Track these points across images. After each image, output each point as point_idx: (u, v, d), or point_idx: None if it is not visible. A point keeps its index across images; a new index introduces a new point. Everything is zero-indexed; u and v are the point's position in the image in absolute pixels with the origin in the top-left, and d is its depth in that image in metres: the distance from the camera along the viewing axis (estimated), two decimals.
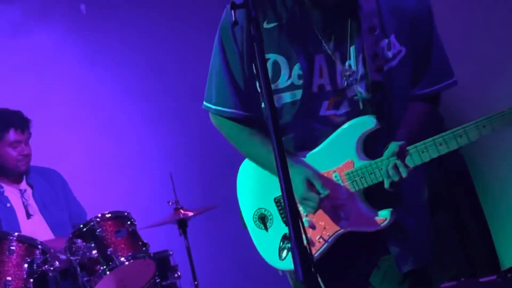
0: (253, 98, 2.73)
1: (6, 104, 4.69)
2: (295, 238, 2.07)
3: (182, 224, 4.65)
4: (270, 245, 2.88)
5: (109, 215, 4.18)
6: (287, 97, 2.69)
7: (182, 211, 4.62)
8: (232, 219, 4.50)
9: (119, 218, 4.20)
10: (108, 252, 4.06)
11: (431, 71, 2.77)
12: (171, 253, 4.55)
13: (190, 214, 4.62)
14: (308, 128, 2.70)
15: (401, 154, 2.56)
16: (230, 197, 3.83)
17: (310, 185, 2.66)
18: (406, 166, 2.56)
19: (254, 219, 2.93)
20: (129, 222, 4.20)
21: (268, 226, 2.91)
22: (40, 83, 5.26)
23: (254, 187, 2.95)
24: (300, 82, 2.60)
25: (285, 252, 2.87)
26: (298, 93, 2.67)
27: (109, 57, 5.62)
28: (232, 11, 2.35)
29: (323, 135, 2.65)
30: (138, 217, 4.33)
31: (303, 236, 2.08)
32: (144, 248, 4.19)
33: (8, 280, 3.91)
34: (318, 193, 2.65)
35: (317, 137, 2.66)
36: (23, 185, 4.66)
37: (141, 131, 5.72)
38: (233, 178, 3.64)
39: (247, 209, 2.96)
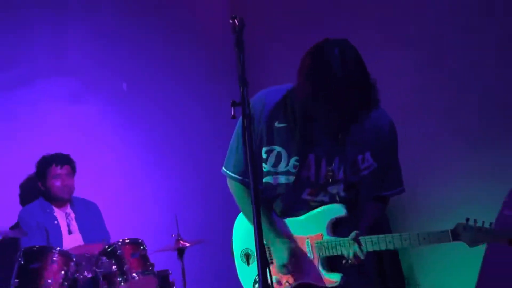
0: (260, 172, 3.02)
1: (61, 151, 5.20)
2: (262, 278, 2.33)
3: (181, 251, 4.98)
4: (248, 277, 3.22)
5: (128, 240, 4.60)
6: (282, 179, 2.96)
7: (181, 242, 4.95)
8: (219, 250, 4.64)
9: (135, 243, 4.61)
10: (124, 268, 4.49)
11: (387, 181, 3.05)
12: (170, 272, 4.88)
13: (187, 244, 4.94)
14: (292, 203, 2.96)
15: (357, 241, 2.83)
16: (221, 233, 4.04)
17: (293, 252, 2.95)
18: (362, 252, 2.84)
19: (241, 255, 3.25)
20: (141, 247, 4.61)
21: (250, 262, 3.24)
22: (86, 139, 5.64)
23: (244, 232, 3.22)
24: (294, 171, 2.84)
25: (257, 285, 3.19)
26: (291, 178, 2.92)
27: (138, 123, 5.97)
28: (232, 108, 2.51)
29: (300, 211, 2.92)
30: (148, 243, 4.71)
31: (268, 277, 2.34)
32: (150, 268, 4.59)
33: (49, 283, 4.32)
34: (292, 265, 2.94)
35: (297, 210, 2.93)
36: (68, 209, 5.12)
37: (156, 177, 6.02)
38: (225, 219, 3.73)
39: (237, 247, 3.26)
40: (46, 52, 5.60)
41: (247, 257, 3.27)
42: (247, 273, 3.22)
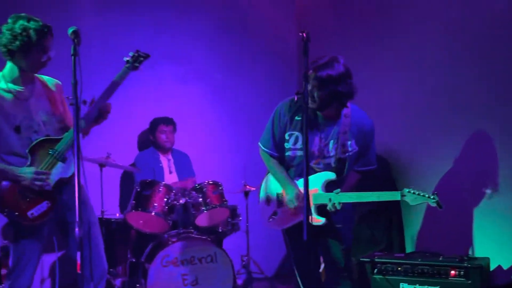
0: (282, 149, 3.74)
1: (167, 115, 6.14)
2: (305, 218, 2.89)
3: (246, 193, 5.90)
4: (266, 213, 3.88)
5: (211, 182, 5.42)
6: (298, 153, 3.71)
7: (247, 186, 5.83)
8: None
9: (215, 184, 5.43)
10: (207, 201, 5.30)
11: (363, 160, 3.76)
12: (238, 207, 5.70)
13: (252, 189, 5.78)
14: (302, 169, 3.47)
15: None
16: None
17: (297, 197, 3.63)
18: (339, 203, 3.47)
19: (263, 198, 3.96)
20: (220, 187, 5.43)
21: (269, 204, 3.90)
22: (185, 109, 6.47)
23: (268, 184, 3.94)
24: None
25: (271, 218, 3.84)
26: (300, 152, 3.68)
27: (226, 99, 6.71)
28: (295, 96, 3.23)
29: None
30: (224, 184, 5.49)
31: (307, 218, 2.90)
32: (225, 202, 5.39)
33: (155, 205, 5.15)
34: (298, 201, 3.61)
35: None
36: (169, 156, 6.10)
37: (232, 135, 6.75)
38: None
39: (263, 192, 3.97)
40: (168, 43, 6.37)
41: (267, 199, 3.96)
42: (265, 211, 3.92)
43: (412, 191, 3.40)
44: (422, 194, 3.41)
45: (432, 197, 3.39)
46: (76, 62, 3.01)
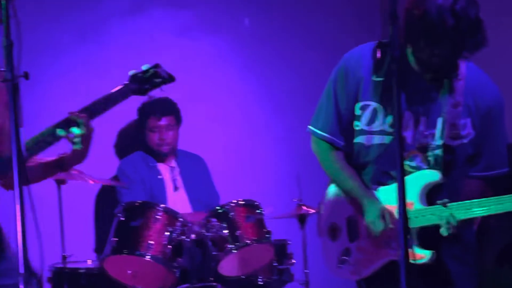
0: (349, 133, 3.17)
1: (168, 94, 5.01)
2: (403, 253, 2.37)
3: (302, 219, 4.95)
4: (332, 254, 3.34)
5: (243, 202, 4.61)
6: (376, 139, 3.09)
7: (304, 207, 4.92)
8: None
9: (250, 206, 4.62)
10: (237, 234, 4.50)
11: (488, 159, 3.15)
12: (289, 242, 4.89)
13: (311, 211, 4.88)
14: (384, 169, 3.09)
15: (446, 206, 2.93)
16: None
17: (382, 215, 3.07)
18: (454, 218, 2.93)
19: (328, 229, 3.38)
20: (258, 211, 4.61)
21: (336, 238, 3.35)
22: (197, 82, 5.67)
23: (334, 204, 3.37)
24: (390, 130, 2.97)
25: (343, 265, 3.33)
26: (387, 138, 3.05)
27: (259, 65, 6.02)
28: (378, 49, 2.82)
29: (392, 179, 3.01)
30: (264, 206, 4.70)
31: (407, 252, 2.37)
32: (267, 235, 4.58)
33: (151, 244, 4.34)
34: (385, 224, 3.06)
35: (389, 177, 3.05)
36: (173, 163, 5.22)
37: (276, 130, 6.08)
38: None
39: (325, 220, 3.41)
40: None
41: (333, 231, 3.36)
42: (331, 250, 3.36)
43: None
44: None
45: None
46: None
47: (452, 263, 3.15)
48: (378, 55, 2.87)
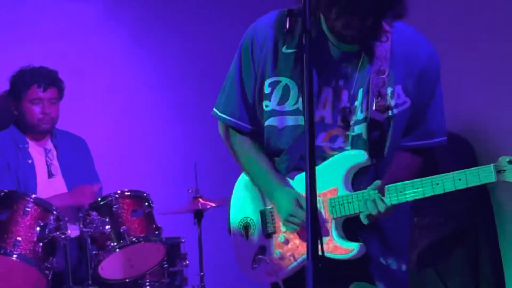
0: (257, 114, 3.03)
1: (46, 64, 4.94)
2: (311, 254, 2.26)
3: (198, 214, 4.83)
4: (246, 253, 3.19)
5: (129, 193, 4.39)
6: (290, 120, 2.95)
7: (200, 201, 4.79)
8: None
9: (138, 198, 4.42)
10: (121, 230, 4.26)
11: (424, 126, 3.02)
12: (183, 240, 4.78)
13: (208, 205, 4.79)
14: (301, 154, 2.92)
15: (382, 191, 2.81)
16: None
17: (298, 204, 2.92)
18: (383, 201, 2.81)
19: (239, 226, 3.23)
20: (146, 204, 4.41)
21: (249, 235, 3.21)
22: (80, 52, 5.42)
23: (245, 196, 3.23)
24: None
25: (256, 264, 3.20)
26: (302, 119, 2.91)
27: (152, 42, 5.84)
28: (288, 18, 2.72)
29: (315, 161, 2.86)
30: (155, 199, 4.50)
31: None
32: (157, 232, 4.39)
33: (18, 240, 4.06)
34: (303, 214, 2.88)
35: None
36: (49, 144, 4.89)
37: (172, 116, 5.92)
38: None
39: (235, 215, 3.26)
40: None
41: (245, 228, 3.25)
42: (244, 249, 3.25)
43: None
44: None
45: None
46: None
47: (381, 253, 3.05)
48: (287, 25, 2.78)
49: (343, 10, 2.74)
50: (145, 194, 4.45)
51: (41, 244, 4.11)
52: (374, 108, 2.95)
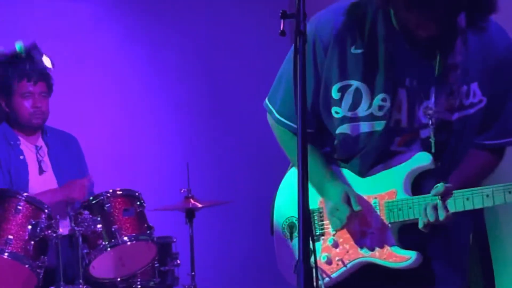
0: (321, 118, 2.85)
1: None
2: (302, 259, 2.15)
3: (190, 213, 4.81)
4: (289, 256, 3.05)
5: (120, 192, 4.37)
6: (364, 127, 2.77)
7: (192, 201, 4.77)
8: (241, 216, 4.77)
9: (130, 197, 4.40)
10: (113, 229, 4.25)
11: (503, 122, 2.84)
12: (174, 240, 4.75)
13: (200, 205, 4.77)
14: (375, 161, 2.82)
15: (446, 197, 2.63)
16: (243, 194, 3.90)
17: (346, 198, 2.77)
18: (446, 209, 2.64)
19: (283, 226, 3.09)
20: (138, 203, 4.38)
21: (294, 237, 3.08)
22: (70, 47, 5.39)
23: (291, 194, 3.08)
24: (380, 113, 2.68)
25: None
26: (378, 125, 2.75)
27: (146, 40, 5.84)
28: (282, 21, 2.44)
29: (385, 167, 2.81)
30: (147, 199, 4.48)
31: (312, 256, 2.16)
32: (148, 231, 4.36)
33: (10, 239, 4.05)
34: (351, 208, 2.76)
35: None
36: (40, 141, 4.84)
37: (165, 116, 5.90)
38: (250, 175, 3.71)
39: (279, 215, 3.13)
40: None
41: (290, 228, 3.11)
42: (287, 251, 3.11)
43: None
44: None
45: None
46: None
47: (438, 265, 2.86)
48: (281, 27, 2.47)
49: (417, 10, 2.58)
50: (137, 193, 4.42)
51: (32, 242, 4.10)
52: (444, 107, 2.80)
